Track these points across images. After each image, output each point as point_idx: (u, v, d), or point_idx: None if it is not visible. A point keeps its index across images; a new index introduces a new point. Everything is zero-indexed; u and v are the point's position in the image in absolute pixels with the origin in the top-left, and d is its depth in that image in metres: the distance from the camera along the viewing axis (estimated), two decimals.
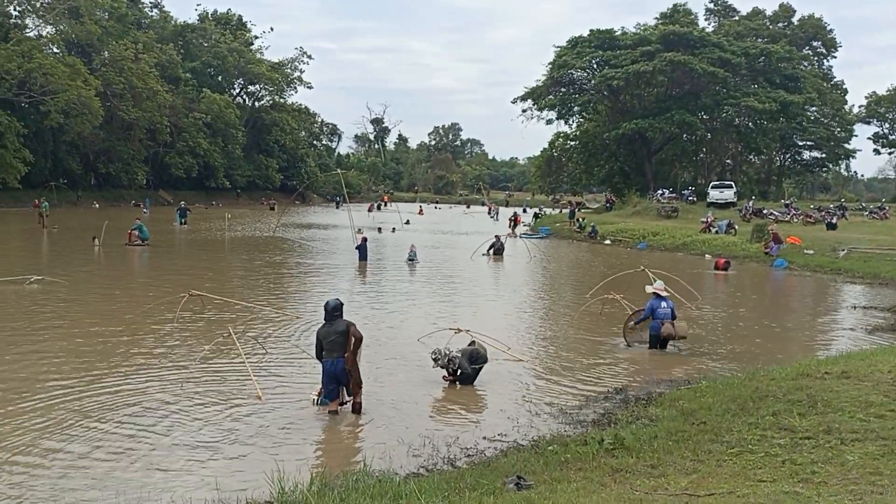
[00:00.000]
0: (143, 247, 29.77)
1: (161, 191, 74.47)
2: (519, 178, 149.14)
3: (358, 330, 9.44)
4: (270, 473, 6.85)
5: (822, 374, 9.27)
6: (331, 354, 9.35)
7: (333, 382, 9.39)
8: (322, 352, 9.47)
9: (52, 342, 12.86)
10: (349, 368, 9.30)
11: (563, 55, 64.17)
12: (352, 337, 9.34)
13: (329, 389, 9.43)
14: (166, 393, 9.98)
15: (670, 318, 13.25)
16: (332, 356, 9.34)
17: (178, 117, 72.10)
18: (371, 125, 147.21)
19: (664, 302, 13.35)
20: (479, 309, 18.10)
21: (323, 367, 9.47)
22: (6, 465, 7.43)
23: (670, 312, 13.31)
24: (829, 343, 15.07)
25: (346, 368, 9.29)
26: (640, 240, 38.47)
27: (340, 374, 9.33)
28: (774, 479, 5.96)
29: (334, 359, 9.32)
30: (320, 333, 9.55)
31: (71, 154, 64.51)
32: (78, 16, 62.24)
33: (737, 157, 71.29)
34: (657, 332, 13.23)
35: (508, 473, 6.73)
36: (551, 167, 78.38)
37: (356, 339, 9.37)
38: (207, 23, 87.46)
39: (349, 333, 9.35)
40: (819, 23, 77.52)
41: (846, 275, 26.00)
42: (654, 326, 13.27)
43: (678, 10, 72.48)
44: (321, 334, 9.52)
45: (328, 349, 9.39)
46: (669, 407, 9.12)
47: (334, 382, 9.39)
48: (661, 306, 13.27)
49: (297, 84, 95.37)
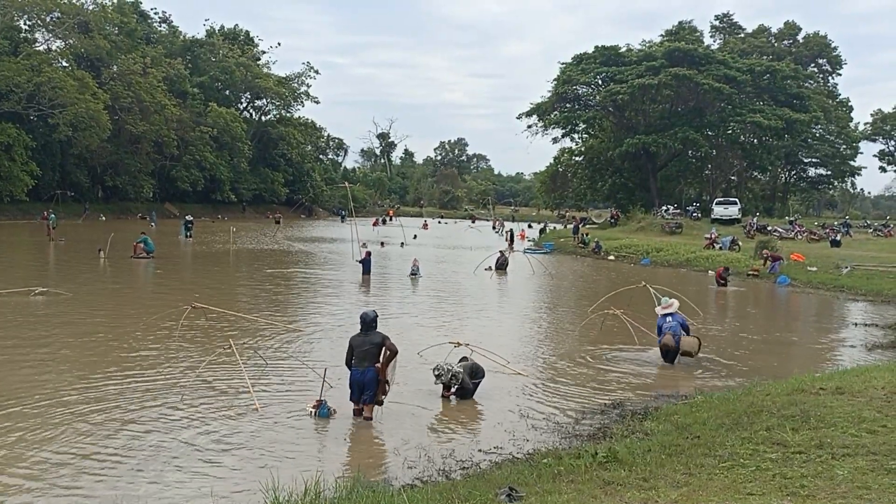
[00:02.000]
0: (149, 259, 29.92)
1: (167, 204, 74.80)
2: (524, 193, 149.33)
3: (393, 343, 9.71)
4: (265, 483, 6.92)
5: (816, 390, 9.31)
6: (361, 364, 9.59)
7: (358, 391, 9.61)
8: (352, 359, 9.71)
9: (53, 352, 12.97)
10: (381, 378, 9.57)
11: (568, 71, 64.52)
12: (386, 350, 9.63)
13: (355, 396, 9.68)
14: (165, 404, 10.06)
15: (676, 331, 13.55)
16: (362, 365, 9.58)
17: (185, 131, 72.53)
18: (377, 140, 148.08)
19: (670, 317, 13.75)
20: (480, 323, 18.17)
21: (351, 375, 9.70)
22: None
23: (677, 327, 13.63)
24: (828, 360, 15.09)
25: (376, 378, 9.53)
26: (644, 255, 38.53)
27: (369, 382, 9.55)
28: (763, 493, 6.00)
29: (364, 368, 9.56)
30: (354, 342, 9.80)
31: (78, 167, 64.94)
32: (87, 30, 62.87)
33: (742, 174, 71.36)
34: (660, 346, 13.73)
35: (501, 485, 6.78)
36: (556, 183, 78.60)
37: (391, 352, 9.65)
38: (215, 38, 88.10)
39: (383, 345, 9.63)
40: (824, 40, 77.76)
41: (849, 292, 26.00)
42: (659, 340, 13.77)
43: (683, 27, 72.86)
44: (355, 343, 9.77)
45: (359, 358, 9.64)
46: (665, 421, 9.17)
47: (359, 391, 9.60)
48: (666, 321, 13.72)
49: (304, 98, 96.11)
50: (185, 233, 44.06)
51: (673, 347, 13.48)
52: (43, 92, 55.37)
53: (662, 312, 13.97)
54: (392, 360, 9.77)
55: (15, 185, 54.68)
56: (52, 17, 62.90)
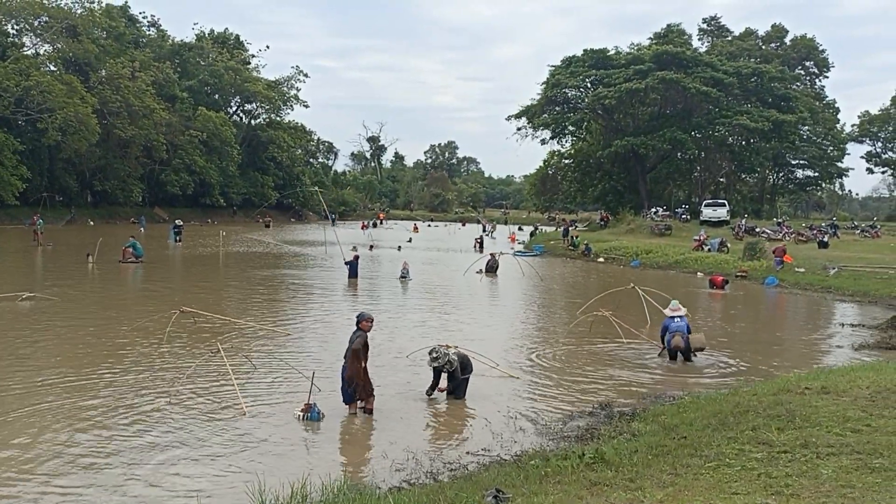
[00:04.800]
0: (137, 263, 29.81)
1: (157, 208, 74.55)
2: (515, 195, 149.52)
3: (358, 341, 9.99)
4: (251, 487, 6.91)
5: (802, 390, 9.36)
6: (344, 360, 10.09)
7: (344, 386, 10.01)
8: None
9: (40, 358, 12.89)
10: (347, 376, 9.89)
11: (557, 74, 64.72)
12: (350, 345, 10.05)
13: (345, 393, 10.03)
14: (152, 408, 10.02)
15: (684, 331, 14.00)
16: (344, 362, 10.08)
17: (174, 135, 72.31)
18: (367, 143, 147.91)
19: (677, 318, 14.21)
20: (470, 325, 18.17)
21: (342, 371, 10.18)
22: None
23: (685, 327, 14.11)
24: (815, 360, 15.17)
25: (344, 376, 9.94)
26: (634, 257, 38.63)
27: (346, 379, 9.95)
28: (748, 492, 6.04)
29: (343, 365, 10.07)
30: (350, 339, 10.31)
31: (67, 171, 64.65)
32: (75, 34, 62.64)
33: (730, 176, 71.71)
34: (670, 346, 14.07)
35: (488, 487, 6.78)
36: (546, 185, 78.85)
37: (351, 349, 9.99)
38: (204, 41, 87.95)
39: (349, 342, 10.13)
40: (811, 43, 78.27)
41: (836, 293, 26.14)
42: (668, 340, 14.12)
43: (672, 30, 73.17)
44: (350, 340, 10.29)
45: (345, 356, 10.14)
46: (652, 422, 9.20)
47: (345, 386, 10.00)
48: (674, 321, 14.18)
49: (294, 102, 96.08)
50: (174, 237, 43.91)
51: (683, 347, 13.91)
52: (31, 96, 55.15)
53: (671, 314, 14.33)
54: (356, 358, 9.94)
55: (5, 189, 54.43)
56: (40, 22, 62.71)
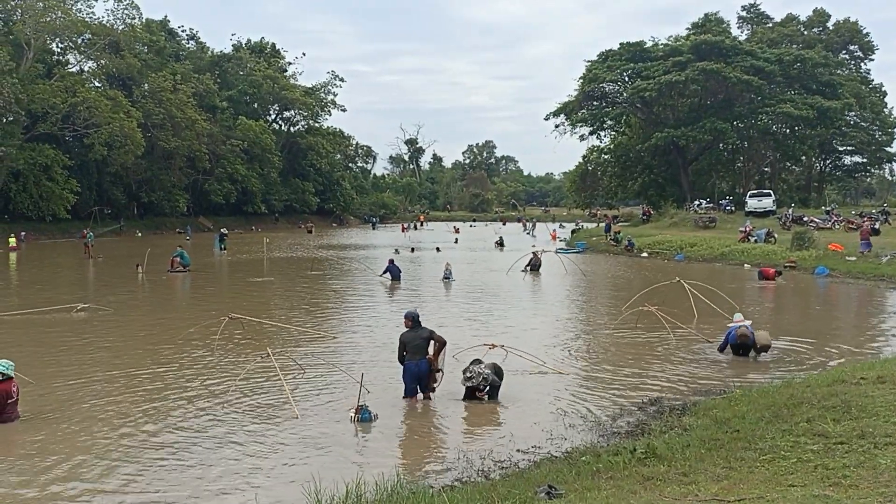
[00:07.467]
0: (185, 273, 30.41)
1: (201, 217, 75.86)
2: (555, 193, 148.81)
3: (440, 335, 10.75)
4: (307, 487, 7.03)
5: (857, 380, 9.19)
6: (414, 357, 10.56)
7: (415, 381, 10.59)
8: (405, 354, 10.64)
9: (96, 366, 13.24)
10: (433, 369, 10.55)
11: (594, 69, 64.21)
12: (434, 342, 10.60)
13: (409, 388, 10.62)
14: (206, 413, 10.24)
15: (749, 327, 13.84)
16: (415, 358, 10.55)
17: (216, 145, 73.55)
18: (405, 146, 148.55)
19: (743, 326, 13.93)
20: (515, 324, 18.16)
21: (406, 368, 10.64)
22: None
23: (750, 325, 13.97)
24: (871, 349, 14.82)
25: (429, 368, 10.53)
26: (678, 251, 38.18)
27: (424, 374, 10.55)
28: (805, 484, 5.96)
29: (417, 360, 10.54)
30: (405, 338, 10.70)
31: (115, 185, 66.27)
32: (118, 50, 64.08)
33: (775, 165, 70.33)
34: (735, 341, 13.77)
35: (540, 483, 6.81)
36: (586, 181, 78.26)
37: (440, 343, 10.62)
38: (242, 52, 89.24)
39: (431, 338, 10.62)
40: (855, 26, 76.26)
41: (889, 281, 25.50)
42: (732, 335, 13.83)
43: (710, 19, 71.95)
44: (406, 339, 10.68)
45: (412, 352, 10.59)
46: (703, 416, 9.12)
47: (416, 381, 10.58)
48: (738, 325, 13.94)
49: (331, 108, 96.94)
50: (219, 245, 44.60)
51: (749, 339, 13.68)
52: (78, 112, 56.52)
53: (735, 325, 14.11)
54: (441, 351, 10.68)
55: (56, 203, 56.16)
56: (84, 39, 64.26)
